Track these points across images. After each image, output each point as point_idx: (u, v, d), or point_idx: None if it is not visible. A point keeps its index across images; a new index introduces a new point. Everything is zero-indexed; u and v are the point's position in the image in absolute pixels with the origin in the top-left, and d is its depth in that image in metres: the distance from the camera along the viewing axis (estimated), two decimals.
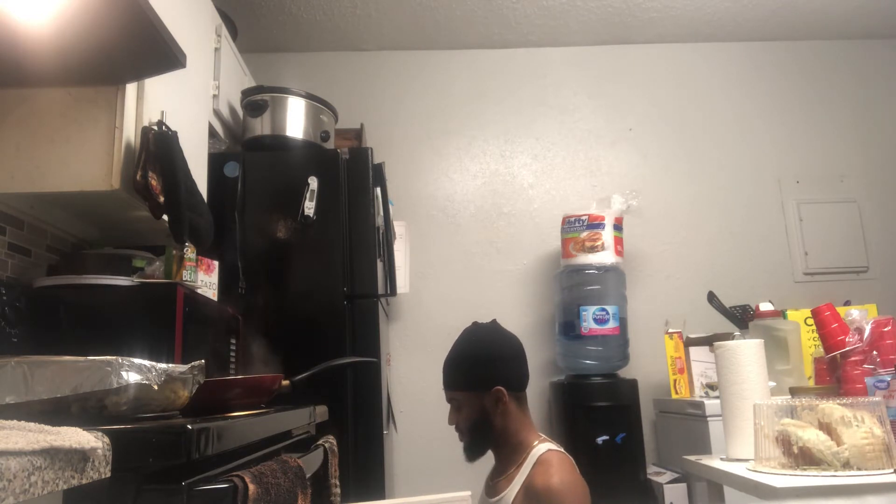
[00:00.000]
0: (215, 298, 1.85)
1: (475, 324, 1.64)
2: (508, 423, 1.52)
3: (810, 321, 2.15)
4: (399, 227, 3.05)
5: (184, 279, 1.59)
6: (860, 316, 1.64)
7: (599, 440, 2.52)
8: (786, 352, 2.05)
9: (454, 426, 1.57)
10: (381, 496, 2.04)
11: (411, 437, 2.89)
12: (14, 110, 1.41)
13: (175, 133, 1.56)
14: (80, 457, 0.62)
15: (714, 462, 1.60)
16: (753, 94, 3.38)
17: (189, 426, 0.76)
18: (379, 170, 2.36)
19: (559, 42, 3.37)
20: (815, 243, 3.21)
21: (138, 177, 1.44)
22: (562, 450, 1.52)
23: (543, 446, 1.50)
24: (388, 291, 2.44)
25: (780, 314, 2.24)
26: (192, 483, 0.76)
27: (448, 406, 1.61)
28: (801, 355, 2.10)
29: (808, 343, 2.29)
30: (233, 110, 2.45)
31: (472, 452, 1.57)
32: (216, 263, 1.89)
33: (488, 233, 3.19)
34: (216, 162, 2.16)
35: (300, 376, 1.59)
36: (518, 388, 1.57)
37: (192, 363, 1.09)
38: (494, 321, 1.64)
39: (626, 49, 3.42)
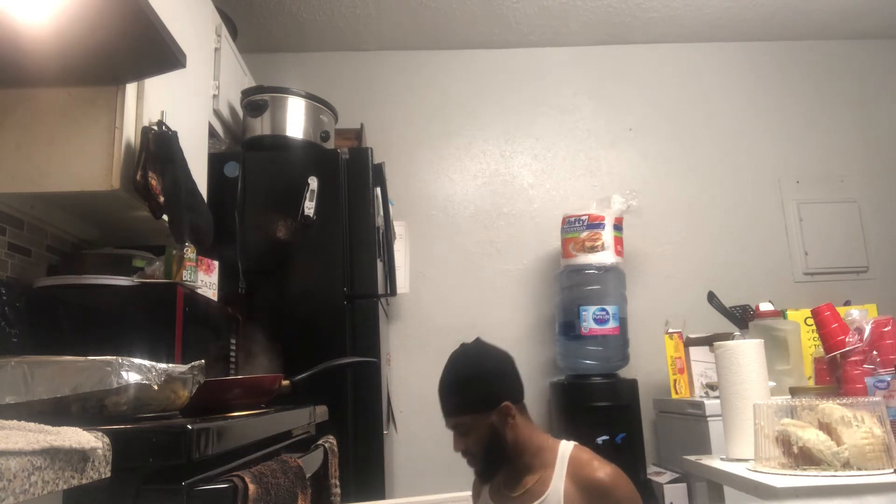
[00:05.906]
0: (215, 298, 1.85)
1: (463, 345, 1.60)
2: (519, 435, 1.50)
3: (810, 321, 2.15)
4: (399, 227, 3.05)
5: (184, 279, 1.59)
6: (860, 316, 1.64)
7: (599, 440, 2.51)
8: (786, 352, 2.04)
9: (461, 452, 1.53)
10: (381, 496, 2.04)
11: (411, 437, 2.89)
12: (14, 110, 1.41)
13: (175, 133, 1.56)
14: (80, 457, 0.62)
15: (714, 462, 1.60)
16: (753, 94, 3.38)
17: (189, 426, 0.76)
18: (379, 170, 2.36)
19: (559, 42, 3.37)
20: (815, 243, 3.21)
21: (138, 177, 1.45)
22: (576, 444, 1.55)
23: (567, 444, 1.51)
24: (388, 291, 2.44)
25: (780, 314, 2.24)
26: (192, 483, 0.77)
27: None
28: (801, 355, 2.10)
29: (808, 343, 2.29)
30: (233, 110, 2.45)
31: (489, 473, 1.54)
32: (216, 263, 1.89)
33: (488, 233, 3.19)
34: (216, 162, 2.16)
35: (300, 376, 1.59)
36: (521, 399, 1.55)
37: (192, 363, 1.09)
38: (479, 339, 1.61)
39: (626, 49, 3.42)
